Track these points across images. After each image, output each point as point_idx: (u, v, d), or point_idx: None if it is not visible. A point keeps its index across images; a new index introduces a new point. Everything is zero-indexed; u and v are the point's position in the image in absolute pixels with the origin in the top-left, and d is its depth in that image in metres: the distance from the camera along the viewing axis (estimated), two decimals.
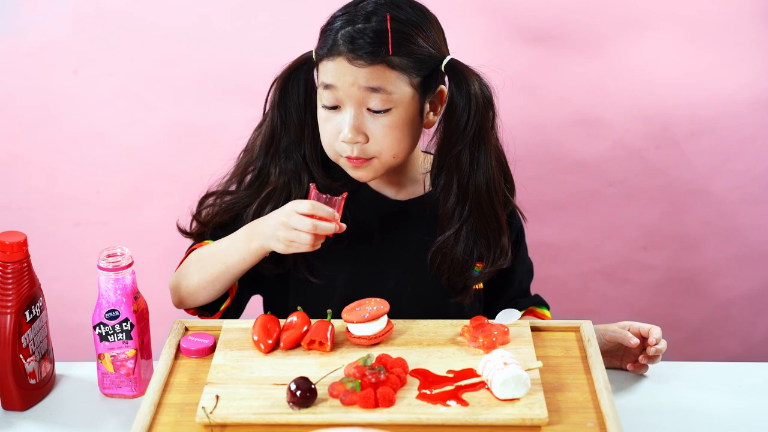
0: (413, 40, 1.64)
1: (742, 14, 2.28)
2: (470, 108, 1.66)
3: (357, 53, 1.61)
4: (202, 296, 1.73)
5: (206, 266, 1.71)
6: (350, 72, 1.62)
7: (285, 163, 1.74)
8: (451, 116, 1.68)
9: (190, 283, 1.72)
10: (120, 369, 1.62)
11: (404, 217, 1.77)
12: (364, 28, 1.62)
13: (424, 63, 1.65)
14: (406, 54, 1.63)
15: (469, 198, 1.70)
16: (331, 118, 1.67)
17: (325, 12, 1.71)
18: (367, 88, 1.63)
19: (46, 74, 2.31)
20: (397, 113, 1.65)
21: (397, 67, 1.63)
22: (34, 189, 2.39)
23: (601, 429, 1.42)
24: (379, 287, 1.73)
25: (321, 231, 1.60)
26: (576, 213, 2.41)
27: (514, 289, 1.84)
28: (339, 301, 1.65)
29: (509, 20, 2.28)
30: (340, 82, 1.64)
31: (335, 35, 1.64)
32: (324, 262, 1.75)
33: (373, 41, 1.62)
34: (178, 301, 1.76)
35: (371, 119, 1.65)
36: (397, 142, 1.67)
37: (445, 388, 1.47)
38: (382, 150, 1.67)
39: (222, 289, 1.72)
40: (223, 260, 1.69)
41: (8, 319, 1.59)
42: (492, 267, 1.74)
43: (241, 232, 1.69)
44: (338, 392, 1.44)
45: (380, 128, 1.65)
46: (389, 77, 1.63)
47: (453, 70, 1.67)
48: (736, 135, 2.36)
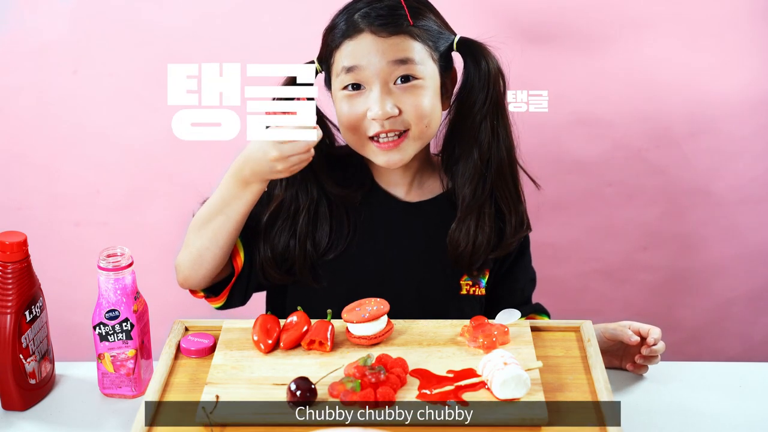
0: (426, 16, 1.68)
1: (742, 14, 2.28)
2: (489, 81, 1.69)
3: (379, 26, 1.64)
4: (207, 260, 1.69)
5: (206, 224, 1.68)
6: (375, 46, 1.64)
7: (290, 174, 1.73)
8: (470, 91, 1.71)
9: (193, 248, 1.69)
10: (120, 369, 1.62)
11: (413, 218, 1.78)
12: (381, 6, 1.66)
13: (441, 38, 1.69)
14: (424, 27, 1.67)
15: (491, 170, 1.72)
16: (353, 100, 1.67)
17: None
18: (395, 62, 1.64)
19: (46, 74, 2.31)
20: (424, 83, 1.67)
21: (418, 38, 1.66)
22: (34, 189, 2.38)
23: (601, 429, 1.42)
24: (382, 287, 1.72)
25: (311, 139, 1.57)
26: (576, 213, 2.41)
27: (517, 297, 1.85)
28: (340, 301, 1.65)
29: (509, 20, 2.28)
30: (364, 61, 1.65)
31: (352, 16, 1.66)
32: (330, 262, 1.75)
33: (392, 14, 1.65)
34: (184, 277, 1.72)
35: (399, 92, 1.66)
36: (431, 111, 1.68)
37: (445, 388, 1.47)
38: (414, 119, 1.67)
39: (225, 246, 1.68)
40: (222, 211, 1.67)
41: (8, 319, 1.59)
42: (515, 236, 1.77)
43: (231, 179, 1.66)
44: (338, 392, 1.44)
45: (410, 98, 1.66)
46: (414, 47, 1.65)
47: (466, 46, 1.70)
48: (736, 135, 2.36)
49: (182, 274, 1.73)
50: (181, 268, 1.73)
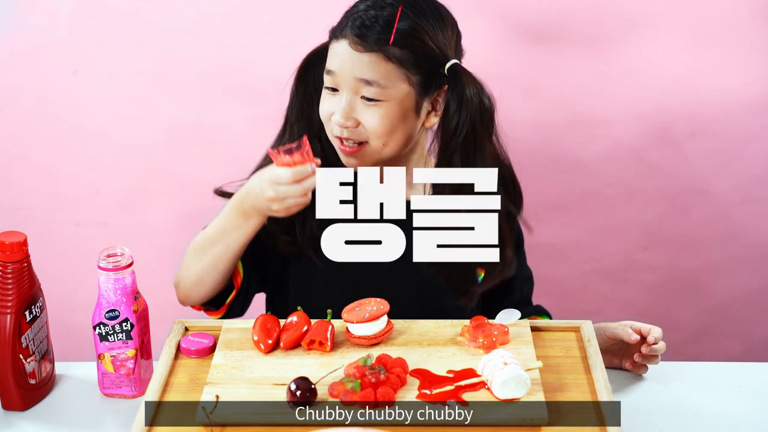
0: (419, 36, 1.65)
1: (742, 14, 2.28)
2: (460, 113, 1.66)
3: (359, 38, 1.64)
4: (207, 283, 1.71)
5: (206, 250, 1.70)
6: (348, 59, 1.65)
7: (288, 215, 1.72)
8: (444, 118, 1.69)
9: (193, 271, 1.71)
10: (120, 369, 1.62)
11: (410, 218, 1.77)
12: (376, 15, 1.65)
13: (426, 61, 1.66)
14: (408, 48, 1.65)
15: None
16: (329, 98, 1.69)
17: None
18: (361, 80, 1.64)
19: (46, 74, 2.31)
20: (389, 106, 1.66)
21: (394, 60, 1.64)
22: (34, 189, 2.38)
23: (601, 429, 1.42)
24: (381, 287, 1.72)
25: (309, 185, 1.58)
26: (576, 213, 2.41)
27: (516, 296, 1.84)
28: (340, 301, 1.65)
29: (509, 20, 2.28)
30: (339, 69, 1.66)
31: (350, 16, 1.67)
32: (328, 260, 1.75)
33: (379, 29, 1.64)
34: (184, 296, 1.74)
35: (364, 108, 1.66)
36: (387, 132, 1.68)
37: (445, 388, 1.47)
38: (371, 136, 1.68)
39: (225, 270, 1.71)
40: (222, 240, 1.69)
41: (8, 319, 1.59)
42: (496, 277, 1.74)
43: (233, 211, 1.67)
44: (338, 392, 1.44)
45: (371, 116, 1.66)
46: (385, 70, 1.64)
47: (453, 74, 1.67)
48: (736, 135, 2.36)
49: (182, 292, 1.75)
50: (181, 286, 1.75)
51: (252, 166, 1.82)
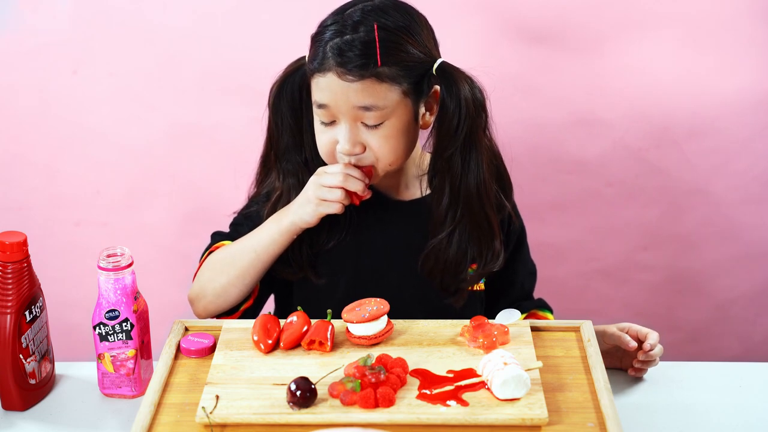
0: (402, 47, 1.63)
1: (742, 15, 2.28)
2: (461, 112, 1.65)
3: (346, 67, 1.60)
4: (233, 294, 1.73)
5: (234, 261, 1.72)
6: (341, 90, 1.62)
7: (286, 166, 1.75)
8: (443, 120, 1.67)
9: (217, 283, 1.73)
10: (120, 369, 1.62)
11: (406, 218, 1.77)
12: (352, 39, 1.61)
13: (415, 69, 1.65)
14: (396, 63, 1.62)
15: (461, 201, 1.70)
16: (327, 131, 1.68)
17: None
18: (360, 107, 1.63)
19: (46, 74, 2.31)
20: (390, 124, 1.65)
21: (386, 79, 1.62)
22: (34, 189, 2.38)
23: (601, 429, 1.42)
24: (380, 287, 1.72)
25: (351, 187, 1.64)
26: (576, 213, 2.41)
27: (516, 290, 1.84)
28: (340, 301, 1.65)
29: (508, 20, 2.28)
30: (332, 102, 1.63)
31: (324, 47, 1.63)
32: (327, 260, 1.75)
33: (362, 53, 1.60)
34: (204, 308, 1.75)
35: (367, 131, 1.65)
36: (394, 151, 1.67)
37: (445, 388, 1.47)
38: (380, 159, 1.68)
39: (252, 282, 1.73)
40: (253, 248, 1.71)
41: (8, 319, 1.59)
42: (484, 270, 1.74)
43: (269, 219, 1.72)
44: (338, 392, 1.45)
45: (376, 139, 1.66)
46: (379, 91, 1.62)
47: (444, 74, 1.66)
48: (736, 135, 2.36)
49: (202, 304, 1.76)
50: (201, 300, 1.75)
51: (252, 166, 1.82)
